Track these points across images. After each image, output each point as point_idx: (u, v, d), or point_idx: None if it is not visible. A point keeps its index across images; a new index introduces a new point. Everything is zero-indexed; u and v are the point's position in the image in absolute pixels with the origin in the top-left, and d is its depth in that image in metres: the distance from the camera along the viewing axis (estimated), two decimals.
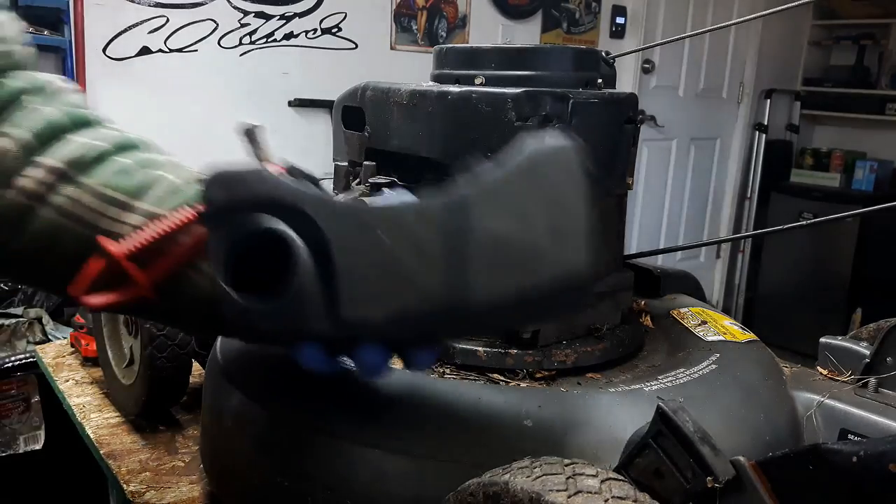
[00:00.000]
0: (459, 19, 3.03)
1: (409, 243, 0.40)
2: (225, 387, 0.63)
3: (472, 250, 0.40)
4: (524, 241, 0.41)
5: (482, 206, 0.41)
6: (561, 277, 0.41)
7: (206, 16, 2.46)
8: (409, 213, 0.41)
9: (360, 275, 0.39)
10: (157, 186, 0.51)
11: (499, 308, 0.41)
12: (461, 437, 0.53)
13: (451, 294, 0.40)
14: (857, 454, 0.41)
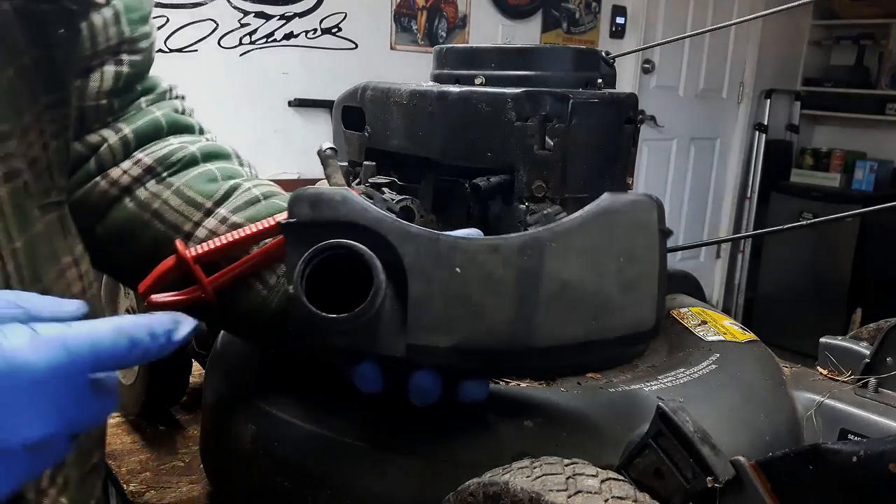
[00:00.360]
0: (459, 19, 3.03)
1: (482, 277, 0.41)
2: (225, 387, 0.63)
3: (542, 291, 0.41)
4: (595, 289, 0.42)
5: (556, 248, 0.42)
6: (627, 328, 0.42)
7: (206, 16, 2.46)
8: (483, 247, 0.41)
9: (431, 303, 0.40)
10: (236, 196, 0.53)
11: (563, 351, 0.42)
12: (461, 437, 0.53)
13: (517, 332, 0.41)
14: (856, 454, 0.41)
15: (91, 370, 0.31)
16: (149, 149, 0.54)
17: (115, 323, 0.32)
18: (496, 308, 0.41)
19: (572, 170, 0.62)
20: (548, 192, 0.62)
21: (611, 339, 0.42)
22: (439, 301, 0.40)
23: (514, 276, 0.41)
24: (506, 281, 0.41)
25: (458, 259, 0.41)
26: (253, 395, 0.60)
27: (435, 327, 0.40)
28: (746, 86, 4.05)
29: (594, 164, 0.64)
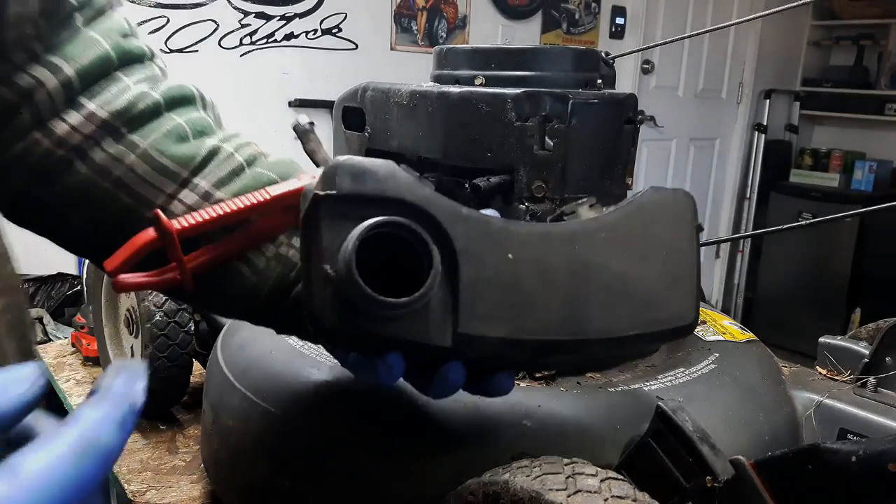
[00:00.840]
0: (459, 20, 3.03)
1: (534, 264, 0.39)
2: (226, 386, 0.63)
3: (593, 282, 0.40)
4: (642, 281, 0.41)
5: (604, 239, 0.41)
6: (670, 322, 0.42)
7: (206, 16, 2.46)
8: (535, 233, 0.40)
9: (482, 290, 0.38)
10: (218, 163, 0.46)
11: (611, 344, 0.41)
12: (461, 437, 0.53)
13: (568, 323, 0.40)
14: (856, 454, 0.41)
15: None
16: (99, 94, 0.44)
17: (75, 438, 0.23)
18: (548, 298, 0.39)
19: (572, 170, 0.62)
20: (548, 192, 0.62)
21: (655, 333, 0.42)
22: (492, 288, 0.38)
23: (565, 264, 0.40)
24: (558, 270, 0.39)
25: (511, 244, 0.39)
26: (254, 395, 0.60)
27: (487, 316, 0.38)
28: (746, 86, 4.05)
29: (594, 164, 0.64)
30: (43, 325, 1.86)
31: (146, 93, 0.45)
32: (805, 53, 4.22)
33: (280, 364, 0.61)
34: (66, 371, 1.06)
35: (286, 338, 0.65)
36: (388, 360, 0.39)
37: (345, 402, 0.56)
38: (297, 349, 0.63)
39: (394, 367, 0.39)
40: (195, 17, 2.43)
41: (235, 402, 0.61)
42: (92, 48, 0.44)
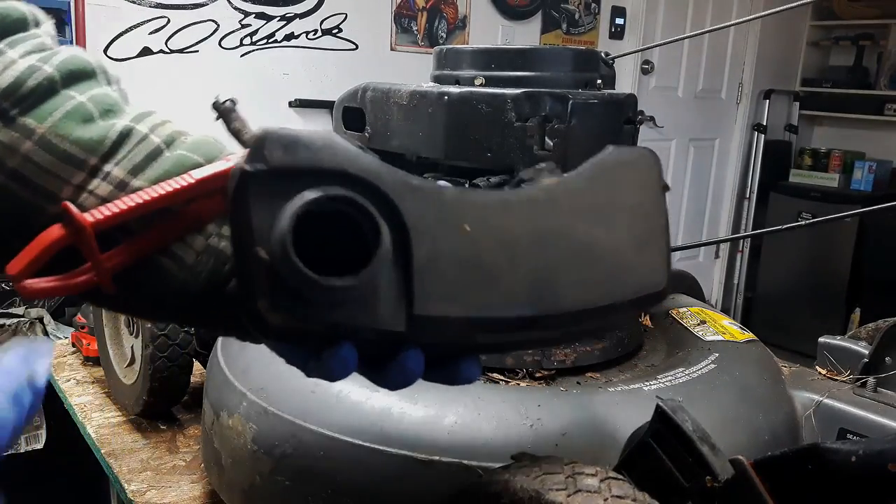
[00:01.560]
0: (459, 20, 3.03)
1: (493, 236, 0.36)
2: (226, 386, 0.63)
3: (560, 251, 0.37)
4: (611, 247, 0.38)
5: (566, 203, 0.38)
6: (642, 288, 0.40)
7: (207, 16, 2.46)
8: (493, 202, 0.36)
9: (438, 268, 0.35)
10: (131, 147, 0.41)
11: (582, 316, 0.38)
12: (461, 437, 0.53)
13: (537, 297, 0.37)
14: (855, 454, 0.41)
15: None
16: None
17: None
18: (512, 271, 0.36)
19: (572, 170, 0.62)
20: None
21: (628, 302, 0.39)
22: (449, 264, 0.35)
23: (528, 233, 0.36)
24: (521, 239, 0.36)
25: (467, 215, 0.35)
26: (253, 395, 0.60)
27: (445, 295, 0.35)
28: (745, 86, 4.05)
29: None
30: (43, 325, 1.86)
31: (35, 66, 0.39)
32: (804, 54, 4.22)
33: (280, 363, 0.61)
34: (66, 371, 1.06)
35: None
36: (340, 353, 0.35)
37: (344, 401, 0.56)
38: None
39: (347, 360, 0.35)
40: (195, 17, 2.43)
41: (236, 402, 0.61)
42: None
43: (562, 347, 0.63)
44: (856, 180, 3.78)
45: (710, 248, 4.22)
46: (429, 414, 0.54)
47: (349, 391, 0.57)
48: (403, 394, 0.56)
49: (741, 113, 4.10)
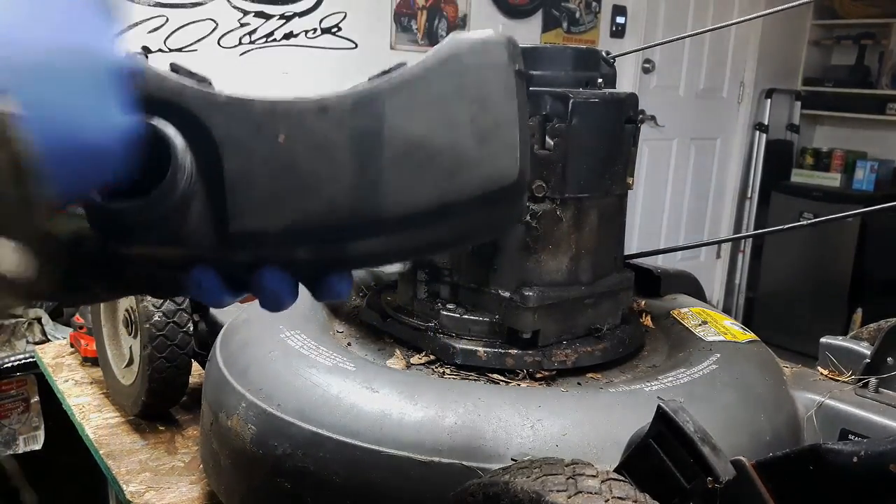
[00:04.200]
0: (459, 19, 3.03)
1: (311, 143, 0.35)
2: (225, 387, 0.63)
3: (385, 153, 0.36)
4: (445, 141, 0.37)
5: (396, 102, 0.36)
6: (488, 183, 0.38)
7: (205, 15, 2.46)
8: (310, 108, 0.36)
9: (253, 181, 0.35)
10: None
11: (417, 219, 0.37)
12: (461, 437, 0.53)
13: (360, 202, 0.36)
14: (857, 454, 0.41)
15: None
16: None
17: None
18: (332, 178, 0.35)
19: (572, 169, 0.61)
20: (548, 191, 0.61)
21: (470, 199, 0.38)
22: (262, 177, 0.35)
23: (350, 138, 0.36)
24: (340, 145, 0.36)
25: (281, 126, 0.35)
26: (252, 396, 0.60)
27: (261, 208, 0.35)
28: (747, 85, 4.05)
29: (594, 163, 0.63)
30: (41, 326, 1.86)
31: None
32: (806, 53, 4.22)
33: (279, 364, 0.61)
34: (65, 371, 1.06)
35: (286, 338, 0.65)
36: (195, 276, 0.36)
37: (344, 402, 0.56)
38: (297, 350, 0.63)
39: (200, 283, 0.36)
40: (194, 16, 2.43)
41: (234, 403, 0.61)
42: None
43: (562, 348, 0.63)
44: (857, 180, 3.78)
45: (711, 248, 4.22)
46: (429, 415, 0.54)
47: (349, 392, 0.57)
48: (403, 395, 0.56)
49: (743, 112, 4.10)
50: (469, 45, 0.38)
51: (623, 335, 0.67)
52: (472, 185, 0.37)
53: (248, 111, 0.35)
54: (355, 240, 0.37)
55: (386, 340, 0.69)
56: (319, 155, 0.35)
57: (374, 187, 0.36)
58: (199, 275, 0.35)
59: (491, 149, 0.38)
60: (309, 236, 0.36)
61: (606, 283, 0.66)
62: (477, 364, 0.61)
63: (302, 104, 0.36)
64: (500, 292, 0.63)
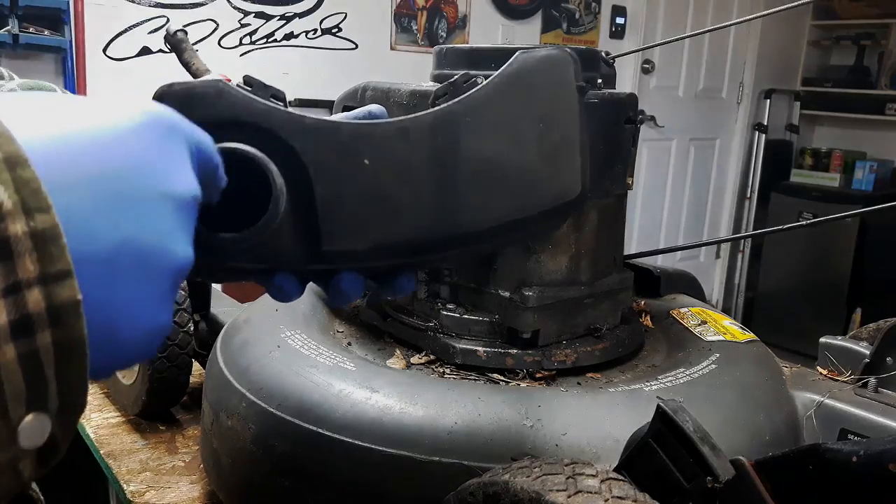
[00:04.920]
0: (459, 19, 3.03)
1: (394, 166, 0.37)
2: (226, 386, 0.63)
3: (461, 172, 0.38)
4: (515, 160, 0.38)
5: (470, 124, 0.38)
6: (554, 199, 0.39)
7: (206, 16, 2.46)
8: (391, 131, 0.37)
9: (342, 203, 0.36)
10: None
11: (490, 232, 0.39)
12: (461, 437, 0.53)
13: (440, 220, 0.37)
14: (856, 454, 0.41)
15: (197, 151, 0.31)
16: None
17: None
18: (413, 198, 0.37)
19: None
20: None
21: (537, 214, 0.39)
22: (350, 199, 0.36)
23: (429, 159, 0.37)
24: (421, 167, 0.37)
25: (365, 149, 0.36)
26: (252, 395, 0.60)
27: (350, 229, 0.36)
28: (746, 86, 4.05)
29: (594, 163, 0.63)
30: None
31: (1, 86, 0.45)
32: (805, 53, 4.22)
33: (280, 364, 0.61)
34: None
35: (286, 338, 0.65)
36: (277, 282, 0.38)
37: (344, 402, 0.56)
38: (297, 349, 0.63)
39: (282, 287, 0.38)
40: (195, 16, 2.44)
41: (235, 403, 0.61)
42: None
43: (562, 348, 0.63)
44: (857, 180, 3.78)
45: (710, 249, 4.22)
46: (429, 414, 0.54)
47: (350, 391, 0.57)
48: (403, 394, 0.56)
49: (742, 112, 4.10)
50: (535, 63, 0.39)
51: (623, 335, 0.67)
52: (540, 202, 0.39)
53: (334, 135, 0.36)
54: (433, 252, 0.39)
55: (386, 340, 0.69)
56: (402, 177, 0.37)
57: (451, 206, 0.38)
58: (281, 280, 0.38)
59: (556, 167, 0.39)
60: (392, 251, 0.38)
61: (606, 283, 0.67)
62: (477, 364, 0.61)
63: (384, 127, 0.37)
64: (500, 292, 0.63)
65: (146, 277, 0.27)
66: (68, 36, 2.19)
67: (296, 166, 0.35)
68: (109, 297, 0.25)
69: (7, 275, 0.20)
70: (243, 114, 0.35)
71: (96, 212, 0.25)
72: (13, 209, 0.21)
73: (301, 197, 0.35)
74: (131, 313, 0.26)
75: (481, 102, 0.38)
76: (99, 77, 2.27)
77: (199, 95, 0.34)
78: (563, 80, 0.40)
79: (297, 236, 0.36)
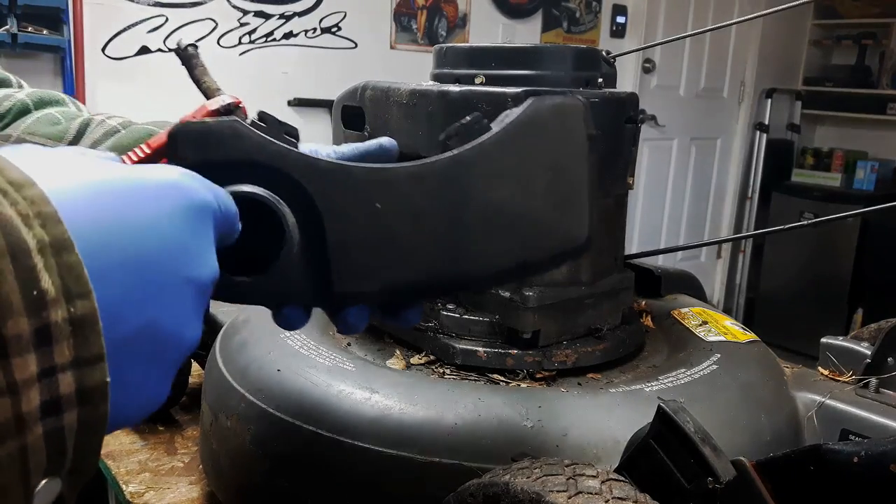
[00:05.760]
0: (459, 18, 3.03)
1: (405, 210, 0.37)
2: (225, 387, 0.63)
3: (471, 218, 0.38)
4: (524, 207, 0.39)
5: (481, 170, 0.38)
6: (561, 245, 0.40)
7: (205, 15, 2.46)
8: (403, 176, 0.38)
9: (353, 246, 0.37)
10: (91, 130, 0.47)
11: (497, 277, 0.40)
12: (461, 437, 0.53)
13: (449, 264, 0.38)
14: (857, 455, 0.41)
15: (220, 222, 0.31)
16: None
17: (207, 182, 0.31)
18: (424, 243, 0.38)
19: None
20: None
21: (543, 259, 0.40)
22: (362, 243, 0.37)
23: (440, 205, 0.38)
24: (432, 212, 0.38)
25: (377, 193, 0.37)
26: (251, 396, 0.60)
27: (361, 271, 0.37)
28: (747, 85, 4.05)
29: (594, 163, 0.63)
30: None
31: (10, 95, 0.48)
32: (807, 53, 4.22)
33: (279, 364, 0.61)
34: None
35: (285, 339, 0.65)
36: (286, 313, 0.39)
37: (344, 402, 0.56)
38: (296, 350, 0.63)
39: (290, 318, 0.39)
40: (194, 15, 2.43)
41: (234, 403, 0.61)
42: None
43: (563, 348, 0.63)
44: (858, 180, 3.78)
45: (712, 249, 4.22)
46: (429, 415, 0.54)
47: (349, 392, 0.56)
48: (403, 395, 0.56)
49: (743, 112, 4.10)
50: (547, 111, 0.40)
51: (623, 335, 0.67)
52: (547, 248, 0.40)
53: (347, 179, 0.37)
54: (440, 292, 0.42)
55: (386, 340, 0.69)
56: (412, 221, 0.37)
57: (461, 251, 0.38)
58: (290, 312, 0.39)
59: (564, 213, 0.40)
60: (400, 291, 0.39)
61: (607, 283, 0.66)
62: (477, 364, 0.61)
63: (395, 171, 0.38)
64: (500, 292, 0.62)
65: (157, 360, 0.27)
66: (67, 35, 2.19)
67: (309, 208, 0.36)
68: (121, 377, 0.25)
69: (44, 359, 0.21)
70: (258, 155, 0.35)
71: (126, 296, 0.25)
72: (56, 296, 0.21)
73: (313, 238, 0.36)
74: (136, 392, 0.27)
75: (493, 150, 0.39)
76: (98, 76, 2.27)
77: (215, 136, 0.35)
78: (574, 128, 0.41)
79: (308, 276, 0.36)
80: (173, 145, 0.35)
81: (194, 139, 0.35)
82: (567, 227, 0.40)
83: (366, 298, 0.38)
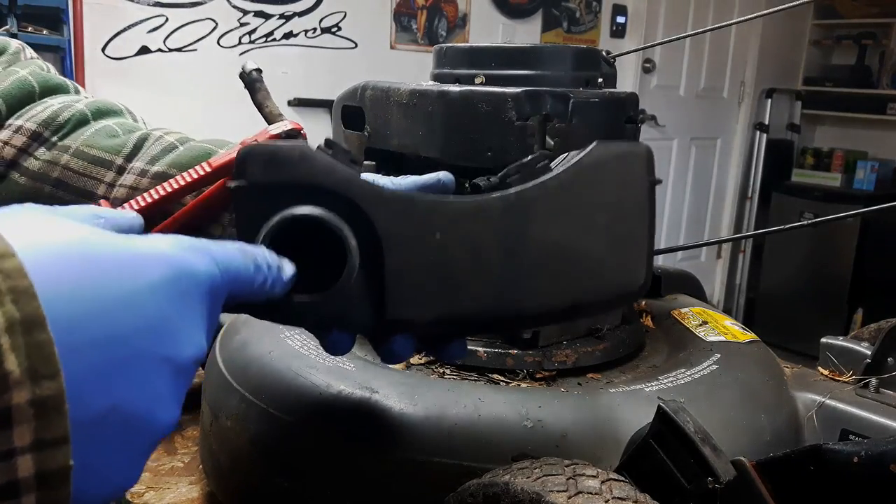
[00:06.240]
0: (459, 18, 3.03)
1: (465, 243, 0.38)
2: (225, 387, 0.63)
3: (529, 255, 0.38)
4: (583, 248, 0.39)
5: (543, 208, 0.38)
6: (617, 289, 0.40)
7: (205, 15, 2.46)
8: (464, 209, 0.38)
9: (410, 275, 0.37)
10: (149, 146, 0.48)
11: (550, 315, 0.40)
12: (461, 437, 0.53)
13: (503, 299, 0.38)
14: (857, 455, 0.41)
15: (228, 288, 0.29)
16: (25, 114, 0.48)
17: (238, 245, 0.30)
18: (480, 276, 0.38)
19: None
20: None
21: (598, 302, 0.40)
22: (419, 272, 0.37)
23: (499, 240, 0.38)
24: (490, 246, 0.38)
25: (438, 224, 0.37)
26: (251, 396, 0.60)
27: (415, 300, 0.37)
28: (747, 85, 4.05)
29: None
30: None
31: (70, 104, 0.49)
32: (807, 52, 4.22)
33: (279, 364, 0.61)
34: None
35: (285, 338, 0.65)
36: (330, 338, 0.39)
37: (344, 402, 0.56)
38: (297, 350, 0.63)
39: (336, 343, 0.39)
40: (194, 15, 2.43)
41: (234, 403, 0.61)
42: (13, 78, 0.49)
43: (563, 349, 0.63)
44: (858, 180, 3.78)
45: (712, 248, 4.22)
46: (429, 415, 0.54)
47: (350, 393, 0.56)
48: (403, 395, 0.56)
49: (743, 112, 4.10)
50: (614, 158, 0.41)
51: (623, 335, 0.67)
52: (602, 291, 0.40)
53: (409, 208, 0.37)
54: (491, 328, 0.42)
55: None
56: (470, 254, 0.38)
57: (516, 287, 0.38)
58: (338, 337, 0.39)
59: (622, 259, 0.40)
60: (452, 324, 0.39)
61: None
62: (477, 364, 0.61)
63: (457, 204, 0.38)
64: None
65: (126, 443, 0.26)
66: (67, 35, 2.19)
67: (369, 235, 0.36)
68: (85, 460, 0.24)
69: (2, 442, 0.20)
70: (324, 179, 0.36)
71: (95, 377, 0.24)
72: (20, 377, 0.20)
73: (371, 265, 0.36)
74: (102, 476, 0.25)
75: (556, 190, 0.39)
76: (98, 76, 2.27)
77: (283, 159, 0.35)
78: (637, 174, 0.41)
79: (363, 302, 0.37)
80: (242, 166, 0.35)
81: (263, 161, 0.35)
82: (625, 272, 0.41)
83: (415, 327, 0.39)
